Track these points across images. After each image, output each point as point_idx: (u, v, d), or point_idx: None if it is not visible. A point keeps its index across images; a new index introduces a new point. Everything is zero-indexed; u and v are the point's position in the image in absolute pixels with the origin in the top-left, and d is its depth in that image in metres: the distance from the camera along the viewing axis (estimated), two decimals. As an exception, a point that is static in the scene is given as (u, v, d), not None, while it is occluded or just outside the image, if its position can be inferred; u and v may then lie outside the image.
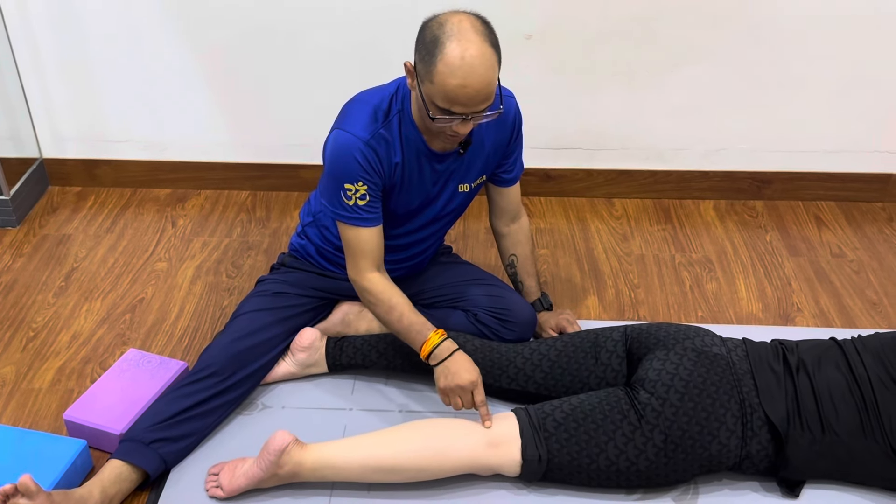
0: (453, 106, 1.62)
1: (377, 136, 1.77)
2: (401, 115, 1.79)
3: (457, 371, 1.75)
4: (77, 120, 2.80)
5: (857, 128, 2.73)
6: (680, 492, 1.75)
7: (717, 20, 2.54)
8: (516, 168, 2.03)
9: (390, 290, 1.83)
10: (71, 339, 2.21)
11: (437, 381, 1.79)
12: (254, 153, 2.83)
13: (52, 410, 1.99)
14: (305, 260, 2.11)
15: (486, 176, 1.98)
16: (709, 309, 2.34)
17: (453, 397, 1.78)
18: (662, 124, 2.74)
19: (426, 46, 1.61)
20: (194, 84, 2.70)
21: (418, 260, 2.08)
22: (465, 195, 1.96)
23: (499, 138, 1.92)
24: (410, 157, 1.82)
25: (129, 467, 1.72)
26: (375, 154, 1.77)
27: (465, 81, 1.57)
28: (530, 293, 2.15)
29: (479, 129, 1.87)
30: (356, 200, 1.78)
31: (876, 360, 1.72)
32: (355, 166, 1.76)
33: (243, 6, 2.55)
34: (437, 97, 1.62)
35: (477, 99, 1.61)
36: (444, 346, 1.78)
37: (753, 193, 2.84)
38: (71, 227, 2.68)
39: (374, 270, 1.83)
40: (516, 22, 2.57)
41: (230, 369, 1.87)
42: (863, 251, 2.59)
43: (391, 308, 1.81)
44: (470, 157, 1.89)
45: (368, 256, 1.82)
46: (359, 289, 1.86)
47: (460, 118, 1.64)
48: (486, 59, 1.59)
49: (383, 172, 1.80)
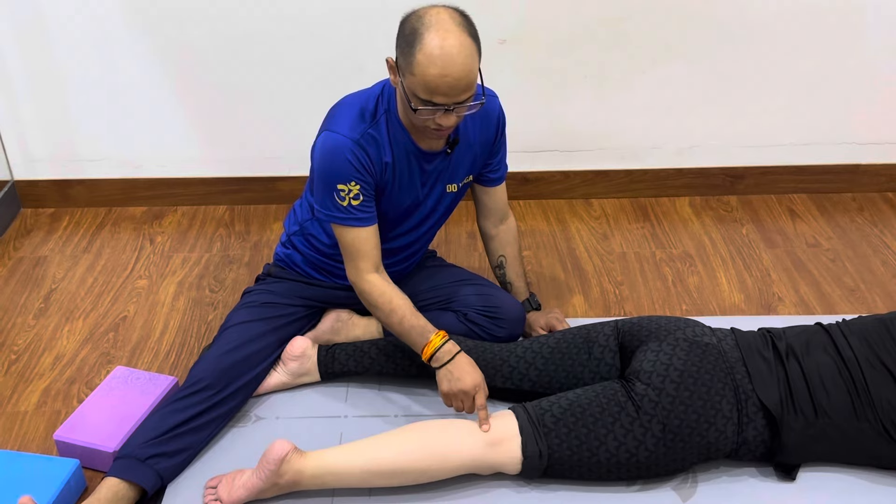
0: (435, 96, 1.62)
1: (366, 136, 1.78)
2: (388, 114, 1.80)
3: (460, 375, 1.76)
4: (48, 140, 2.76)
5: (824, 121, 2.79)
6: (679, 481, 1.76)
7: (685, 20, 2.59)
8: (502, 167, 2.04)
9: (391, 292, 1.82)
10: (54, 360, 2.17)
11: (439, 384, 1.79)
12: (230, 167, 2.82)
13: (41, 432, 1.95)
14: (292, 269, 2.10)
15: (472, 176, 1.99)
16: (692, 302, 2.37)
17: (456, 401, 1.78)
18: (636, 124, 2.78)
19: (405, 39, 1.63)
20: (167, 100, 2.68)
21: (408, 263, 2.08)
22: (452, 196, 1.97)
23: (484, 137, 1.93)
24: (400, 156, 1.83)
25: (126, 485, 1.69)
26: (366, 153, 1.77)
27: (445, 71, 1.59)
28: (519, 294, 2.16)
29: (465, 128, 1.89)
30: (350, 201, 1.78)
31: (862, 341, 1.75)
32: (347, 166, 1.76)
33: (216, 20, 2.54)
34: (418, 88, 1.62)
35: (458, 88, 1.62)
36: (445, 348, 1.78)
37: (727, 189, 2.89)
38: (46, 248, 2.64)
39: (373, 272, 1.83)
40: (489, 27, 2.57)
41: (222, 382, 1.85)
42: (837, 240, 2.64)
43: (392, 311, 1.81)
44: (457, 157, 1.91)
45: (366, 257, 1.82)
46: (358, 291, 1.85)
47: (443, 109, 1.65)
48: (465, 49, 1.60)
49: (374, 172, 1.80)
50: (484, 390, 1.77)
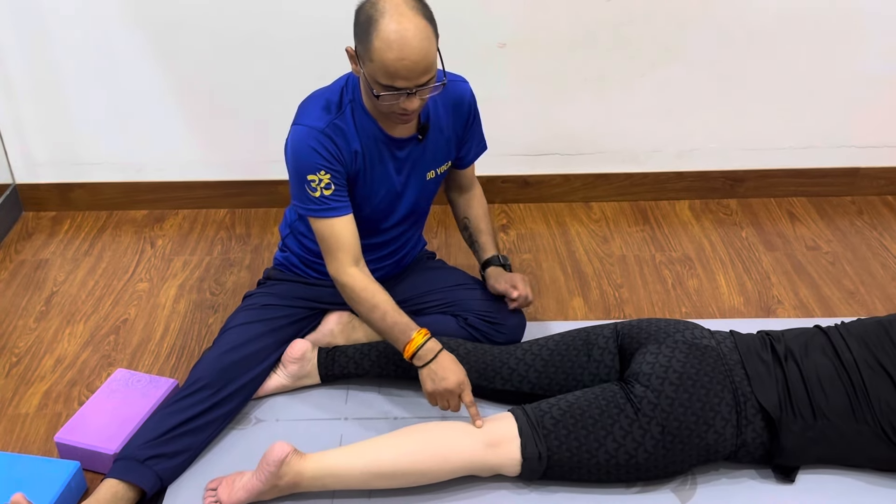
0: (395, 81, 1.64)
1: (332, 126, 1.80)
2: (353, 104, 1.83)
3: (444, 374, 1.75)
4: (49, 144, 2.77)
5: (824, 124, 2.79)
6: (678, 483, 1.77)
7: (685, 23, 2.60)
8: (473, 152, 2.07)
9: (372, 288, 1.82)
10: (55, 362, 2.18)
11: (423, 384, 1.78)
12: (231, 171, 2.82)
13: (41, 435, 1.95)
14: (290, 271, 2.11)
15: (450, 162, 2.02)
16: (692, 305, 2.37)
17: (441, 400, 1.78)
18: (636, 127, 2.79)
19: (361, 27, 1.65)
20: (168, 103, 2.69)
21: (399, 257, 2.09)
22: (434, 182, 1.99)
23: (457, 123, 1.96)
24: (369, 144, 1.85)
25: (125, 486, 1.69)
26: (332, 142, 1.79)
27: (402, 54, 1.60)
28: (486, 249, 2.09)
29: (437, 114, 1.91)
30: (321, 191, 1.80)
31: (861, 344, 1.76)
32: (314, 156, 1.78)
33: (218, 23, 2.55)
34: (378, 74, 1.64)
35: (416, 70, 1.63)
36: (428, 346, 1.77)
37: (727, 192, 2.89)
38: (48, 251, 2.65)
39: (353, 265, 1.83)
40: (490, 31, 2.60)
41: (221, 382, 1.85)
42: (836, 243, 2.65)
43: (374, 307, 1.81)
44: (431, 144, 1.92)
45: (344, 248, 1.82)
46: (339, 285, 1.85)
47: (405, 93, 1.66)
48: (421, 31, 1.62)
49: (343, 160, 1.82)
50: (468, 387, 1.77)
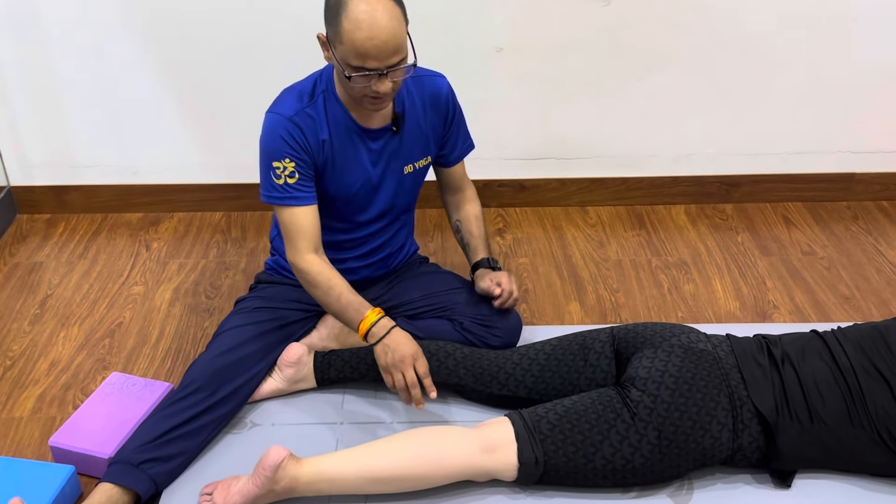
0: (366, 61, 1.66)
1: (301, 114, 1.83)
2: (325, 94, 1.86)
3: (396, 346, 1.76)
4: (44, 146, 2.76)
5: (819, 130, 2.80)
6: (675, 488, 1.76)
7: (681, 28, 2.61)
8: (458, 147, 2.08)
9: (329, 272, 1.84)
10: (50, 366, 2.17)
11: (378, 360, 1.79)
12: (227, 174, 2.82)
13: (35, 439, 1.94)
14: (280, 274, 2.12)
15: (431, 157, 2.03)
16: (688, 309, 2.37)
17: (395, 373, 1.77)
18: (632, 132, 2.79)
19: (332, 10, 1.68)
20: (164, 106, 2.68)
21: (384, 255, 2.10)
22: (412, 177, 2.01)
23: (435, 118, 1.98)
24: (340, 133, 1.87)
25: (120, 490, 1.68)
26: (300, 130, 1.82)
27: (372, 33, 1.63)
28: (476, 252, 2.08)
29: (413, 108, 1.93)
30: (286, 179, 1.82)
31: (857, 349, 1.76)
32: (280, 143, 1.80)
33: (214, 27, 2.55)
34: (349, 56, 1.67)
35: (387, 50, 1.65)
36: (381, 323, 1.78)
37: (722, 197, 2.90)
38: (42, 254, 2.64)
39: (312, 252, 1.84)
40: (486, 36, 2.60)
41: (214, 384, 1.85)
42: (832, 248, 2.65)
43: (330, 287, 1.82)
44: (408, 137, 1.94)
45: (304, 236, 1.84)
46: (297, 270, 1.86)
47: (376, 74, 1.68)
48: (389, 10, 1.64)
49: (310, 149, 1.83)
50: (423, 359, 1.77)
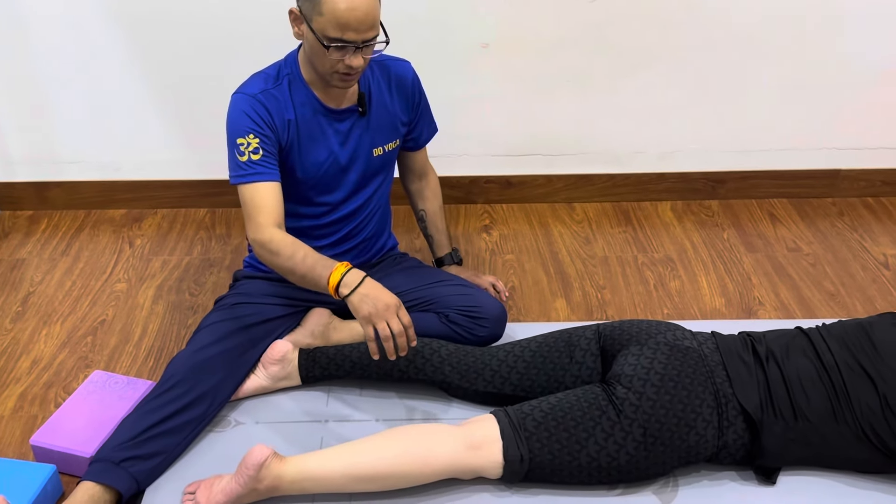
0: (345, 32, 1.71)
1: (266, 93, 1.87)
2: (290, 76, 1.90)
3: (377, 294, 1.70)
4: (26, 142, 2.73)
5: (805, 126, 2.81)
6: (660, 485, 1.76)
7: (667, 25, 2.60)
8: (423, 133, 2.15)
9: (292, 239, 1.81)
10: (31, 364, 2.15)
11: (359, 310, 1.69)
12: (211, 170, 2.80)
13: (17, 437, 1.92)
14: (258, 270, 2.12)
15: (398, 141, 2.07)
16: (674, 306, 2.37)
17: (380, 322, 1.68)
18: (618, 128, 2.79)
19: None
20: (147, 102, 2.66)
21: (359, 241, 2.11)
22: (381, 160, 2.04)
23: (402, 103, 2.04)
24: (305, 114, 1.91)
25: (102, 488, 1.67)
26: (264, 108, 1.85)
27: (353, 4, 1.68)
28: (441, 247, 2.25)
29: (380, 92, 1.99)
30: (249, 155, 1.83)
31: (842, 346, 1.76)
32: (243, 119, 1.83)
33: (196, 22, 2.53)
34: (328, 27, 1.71)
35: (366, 23, 1.71)
36: (352, 273, 1.73)
37: (708, 193, 2.90)
38: (24, 251, 2.61)
39: (274, 226, 1.82)
40: (473, 31, 2.59)
41: (193, 380, 1.82)
42: (817, 245, 2.66)
43: (294, 252, 1.78)
44: (376, 119, 1.99)
45: (266, 211, 1.82)
46: (260, 244, 1.81)
47: (352, 47, 1.73)
48: None
49: (275, 126, 1.86)
50: (404, 310, 1.72)
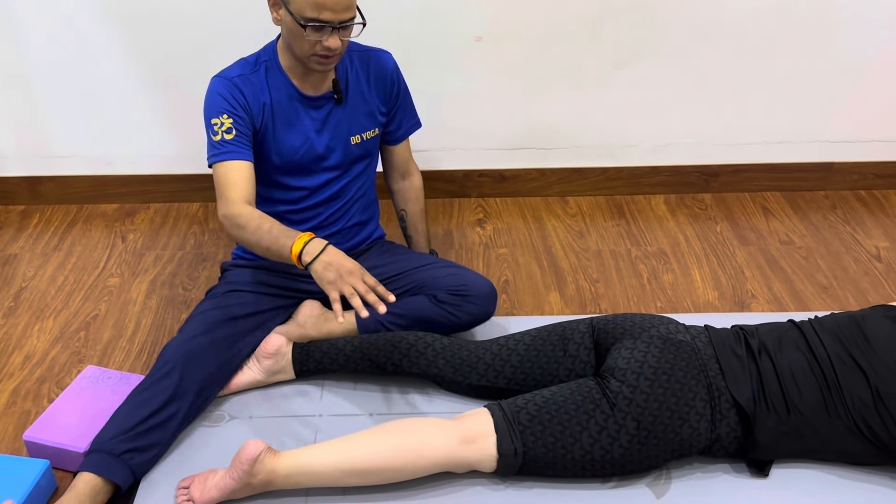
0: (322, 12, 1.75)
1: (242, 77, 1.92)
2: (267, 63, 1.95)
3: (340, 262, 1.71)
4: (18, 136, 2.72)
5: (798, 119, 2.81)
6: (653, 478, 1.77)
7: (661, 19, 2.60)
8: (404, 126, 2.16)
9: (261, 213, 1.84)
10: (24, 359, 2.14)
11: (323, 277, 1.71)
12: (203, 164, 2.75)
13: (10, 433, 1.92)
14: (245, 259, 2.14)
15: (378, 130, 2.08)
16: (667, 299, 2.38)
17: (344, 285, 1.69)
18: (612, 122, 2.79)
19: None
20: (139, 96, 2.65)
21: (340, 227, 2.11)
22: (360, 148, 2.06)
23: (381, 92, 2.06)
24: (281, 99, 1.95)
25: (102, 480, 1.67)
26: (239, 90, 1.90)
27: None
28: (418, 247, 2.28)
29: (358, 81, 2.02)
30: (223, 135, 1.87)
31: (834, 339, 1.77)
32: (218, 100, 1.89)
33: (189, 16, 2.52)
34: (305, 7, 1.75)
35: (342, 3, 1.76)
36: (315, 241, 1.75)
37: (701, 187, 2.90)
38: (16, 246, 2.60)
39: (243, 202, 1.84)
40: (466, 25, 2.59)
41: (185, 368, 1.81)
42: (810, 238, 2.67)
43: (260, 224, 1.80)
44: (353, 107, 2.02)
45: (236, 187, 1.86)
46: (228, 218, 1.84)
47: (329, 28, 1.77)
48: None
49: (249, 109, 1.90)
50: (369, 275, 1.73)
